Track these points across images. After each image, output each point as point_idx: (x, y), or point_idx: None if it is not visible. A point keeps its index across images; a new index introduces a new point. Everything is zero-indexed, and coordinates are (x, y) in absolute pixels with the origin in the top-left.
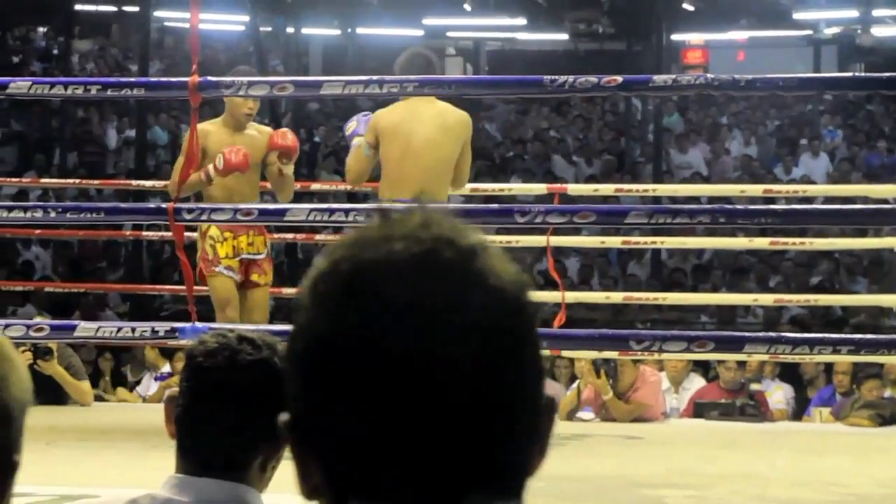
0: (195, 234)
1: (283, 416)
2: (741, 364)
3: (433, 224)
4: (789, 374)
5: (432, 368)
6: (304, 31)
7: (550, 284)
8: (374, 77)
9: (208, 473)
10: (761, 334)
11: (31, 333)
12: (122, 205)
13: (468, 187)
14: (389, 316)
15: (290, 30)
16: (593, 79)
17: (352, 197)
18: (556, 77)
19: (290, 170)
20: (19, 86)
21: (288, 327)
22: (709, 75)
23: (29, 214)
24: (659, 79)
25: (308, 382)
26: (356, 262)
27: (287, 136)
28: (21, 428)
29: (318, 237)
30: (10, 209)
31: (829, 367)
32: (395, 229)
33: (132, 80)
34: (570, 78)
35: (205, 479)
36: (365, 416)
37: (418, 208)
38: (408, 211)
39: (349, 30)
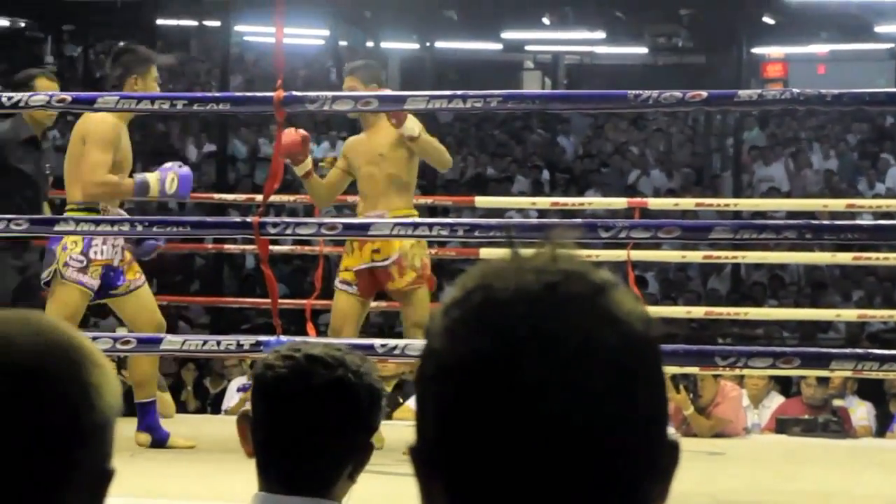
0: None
1: (411, 443)
2: (822, 380)
3: (562, 259)
4: (870, 390)
5: (560, 399)
6: (383, 45)
7: None
8: (458, 91)
9: (294, 492)
10: (847, 350)
11: (119, 346)
12: (208, 219)
13: (547, 201)
14: (520, 345)
15: (369, 44)
16: (678, 94)
17: (432, 211)
18: (641, 92)
19: (412, 129)
20: (107, 100)
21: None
22: (795, 90)
23: (116, 228)
24: (744, 94)
25: (438, 407)
26: (488, 292)
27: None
28: (114, 435)
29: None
30: (97, 223)
31: None
32: (525, 262)
33: (217, 94)
34: (655, 93)
35: (291, 497)
36: (492, 443)
37: (548, 243)
38: (539, 245)
39: (427, 44)
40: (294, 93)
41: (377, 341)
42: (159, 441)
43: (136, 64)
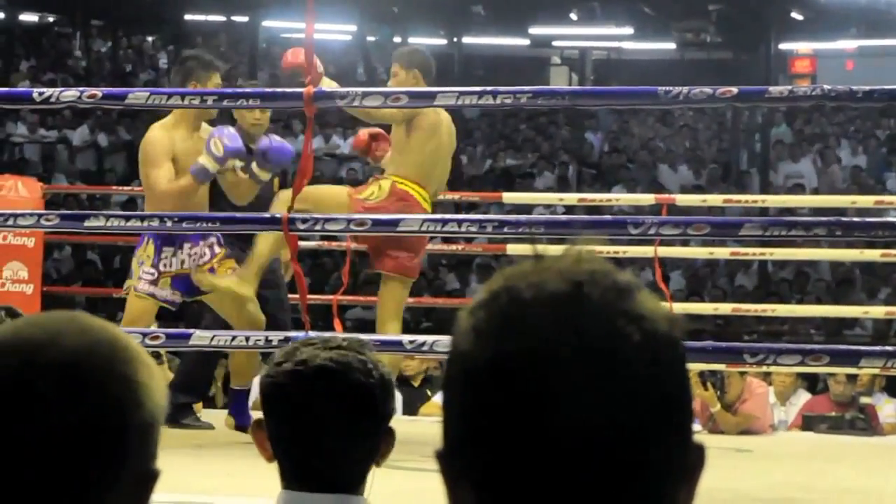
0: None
1: (438, 447)
2: (851, 377)
3: (587, 260)
4: None
5: (586, 399)
6: (411, 40)
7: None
8: (488, 88)
9: (319, 489)
10: (877, 348)
11: (147, 342)
12: (237, 214)
13: (574, 197)
14: (545, 346)
15: (396, 39)
16: (708, 90)
17: (457, 206)
18: (671, 88)
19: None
20: (137, 97)
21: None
22: (825, 86)
23: (146, 223)
24: (775, 90)
25: (464, 409)
26: (513, 293)
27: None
28: (160, 434)
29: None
30: (127, 219)
31: None
32: (550, 263)
33: (248, 90)
34: (685, 89)
35: (316, 494)
36: (519, 444)
37: (573, 247)
38: (563, 249)
39: (455, 39)
40: (324, 88)
41: (406, 337)
42: (242, 426)
43: (198, 69)
